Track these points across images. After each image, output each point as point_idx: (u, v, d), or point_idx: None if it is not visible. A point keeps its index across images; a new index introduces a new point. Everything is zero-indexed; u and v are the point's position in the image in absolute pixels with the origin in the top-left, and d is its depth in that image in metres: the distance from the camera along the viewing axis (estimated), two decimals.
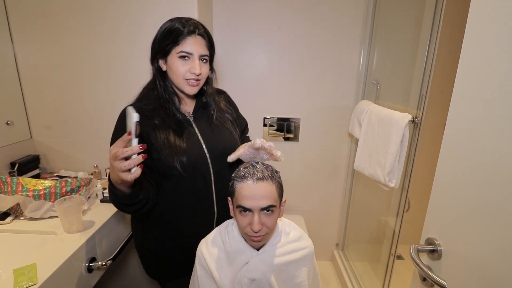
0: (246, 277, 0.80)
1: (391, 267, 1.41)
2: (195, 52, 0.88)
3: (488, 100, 0.58)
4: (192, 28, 0.88)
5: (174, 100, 0.96)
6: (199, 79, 0.91)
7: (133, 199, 0.84)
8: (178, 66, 0.89)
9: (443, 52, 1.23)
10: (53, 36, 1.44)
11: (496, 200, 0.56)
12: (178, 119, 0.95)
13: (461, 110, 0.66)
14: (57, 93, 1.52)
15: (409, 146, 1.29)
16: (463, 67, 0.65)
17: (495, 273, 0.56)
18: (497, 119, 0.56)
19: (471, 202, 0.61)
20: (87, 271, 1.01)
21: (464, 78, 0.65)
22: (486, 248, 0.58)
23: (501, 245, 0.55)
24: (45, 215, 1.12)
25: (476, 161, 0.60)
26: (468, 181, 0.63)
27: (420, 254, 0.73)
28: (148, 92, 0.97)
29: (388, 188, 1.39)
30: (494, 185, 0.56)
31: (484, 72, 0.60)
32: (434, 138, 1.69)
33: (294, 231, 0.89)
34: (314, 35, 1.73)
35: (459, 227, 0.65)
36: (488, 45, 0.59)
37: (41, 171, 1.57)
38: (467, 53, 0.64)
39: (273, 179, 0.77)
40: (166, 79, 0.95)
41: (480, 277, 0.59)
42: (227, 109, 1.09)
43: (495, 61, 0.57)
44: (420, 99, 1.22)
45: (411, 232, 1.56)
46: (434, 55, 1.14)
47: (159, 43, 0.91)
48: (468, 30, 0.64)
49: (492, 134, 0.57)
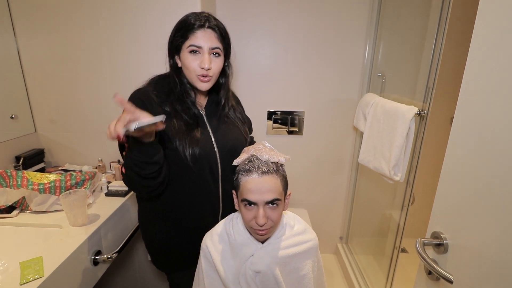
0: (251, 269, 0.80)
1: (396, 261, 1.41)
2: (204, 45, 0.86)
3: (497, 93, 0.57)
4: (202, 22, 0.86)
5: (190, 94, 0.96)
6: (210, 74, 0.90)
7: (149, 155, 0.80)
8: (189, 61, 0.88)
9: (451, 43, 1.20)
10: (57, 29, 1.43)
11: (503, 193, 0.55)
12: (193, 112, 0.95)
13: (469, 104, 0.64)
14: (61, 87, 1.52)
15: (415, 140, 1.27)
16: (472, 59, 0.64)
17: (502, 267, 0.55)
18: (506, 113, 0.55)
19: (478, 195, 0.60)
20: (93, 264, 1.02)
21: (474, 71, 0.63)
22: (493, 242, 0.57)
23: (509, 239, 0.54)
24: (51, 209, 1.13)
25: (484, 154, 0.59)
26: (475, 175, 0.62)
27: (426, 248, 0.73)
28: (162, 81, 0.97)
29: (393, 182, 1.38)
30: (502, 178, 0.55)
31: (494, 65, 0.58)
32: (441, 131, 1.68)
33: (299, 224, 0.89)
34: (319, 27, 1.70)
35: (465, 221, 0.64)
36: (500, 36, 0.57)
37: (46, 165, 1.58)
38: (477, 45, 0.63)
39: (277, 172, 0.77)
40: (182, 75, 0.94)
41: (487, 271, 0.58)
42: (238, 109, 1.10)
43: (506, 53, 0.55)
44: (427, 92, 1.20)
45: (415, 226, 1.55)
46: (442, 47, 1.12)
47: (172, 40, 0.91)
48: (478, 20, 0.62)
49: (500, 127, 0.56)
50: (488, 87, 0.59)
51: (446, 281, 0.64)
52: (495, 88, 0.57)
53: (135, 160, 0.80)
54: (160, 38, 1.05)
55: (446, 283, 0.67)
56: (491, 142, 0.58)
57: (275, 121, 1.86)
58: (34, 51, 1.47)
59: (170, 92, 0.94)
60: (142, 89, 0.94)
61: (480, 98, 0.61)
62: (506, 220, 0.54)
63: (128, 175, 0.85)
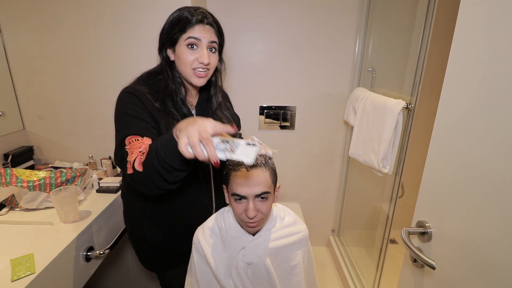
0: (243, 261, 0.82)
1: (385, 251, 1.45)
2: (203, 38, 0.86)
3: (478, 87, 0.59)
4: (200, 17, 0.85)
5: (181, 91, 0.95)
6: (208, 69, 0.89)
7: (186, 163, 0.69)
8: (186, 55, 0.86)
9: (437, 39, 1.23)
10: (44, 24, 1.41)
11: (485, 183, 0.57)
12: (184, 111, 0.94)
13: (451, 97, 0.66)
14: (50, 83, 1.50)
15: (403, 133, 1.30)
16: (454, 54, 0.66)
17: (483, 253, 0.58)
18: (485, 105, 0.57)
19: (461, 185, 0.63)
20: (85, 260, 1.02)
21: (455, 66, 0.65)
22: (474, 229, 0.60)
23: (490, 227, 0.56)
24: (41, 206, 1.12)
25: (466, 145, 0.62)
26: (457, 166, 0.64)
27: (411, 237, 0.75)
28: (151, 78, 0.94)
29: (382, 174, 1.41)
30: (483, 168, 0.57)
31: (474, 60, 0.60)
32: (427, 124, 1.70)
33: (289, 216, 0.91)
34: (310, 22, 1.71)
35: (448, 210, 0.67)
36: (479, 34, 0.59)
37: (35, 162, 1.56)
38: (458, 41, 0.65)
39: (266, 165, 0.78)
40: (174, 69, 0.92)
41: (468, 256, 0.61)
42: (226, 106, 1.09)
43: (484, 50, 0.57)
44: (414, 86, 1.23)
45: (405, 217, 1.58)
46: (428, 42, 1.14)
47: (167, 32, 0.88)
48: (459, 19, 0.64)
49: (481, 120, 0.58)
50: (469, 80, 0.61)
51: (430, 268, 0.67)
52: (476, 82, 0.60)
53: (166, 165, 0.68)
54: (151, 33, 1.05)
55: (430, 270, 0.70)
56: (473, 133, 0.60)
57: (267, 116, 1.88)
58: (20, 46, 1.44)
59: (162, 88, 0.91)
60: (133, 87, 0.90)
61: (461, 91, 0.63)
62: (486, 207, 0.57)
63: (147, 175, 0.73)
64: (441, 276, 0.68)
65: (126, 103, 0.87)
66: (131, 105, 0.86)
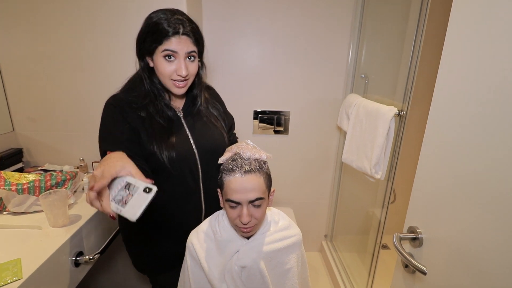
0: (237, 265, 0.82)
1: (377, 256, 1.46)
2: (179, 50, 0.84)
3: (468, 92, 0.60)
4: (176, 29, 0.82)
5: (163, 96, 0.94)
6: (187, 79, 0.89)
7: None
8: (164, 67, 0.85)
9: (429, 46, 1.25)
10: (36, 25, 1.39)
11: (475, 189, 0.58)
12: (168, 115, 0.93)
13: (442, 103, 0.68)
14: (41, 85, 1.48)
15: (395, 139, 1.32)
16: (445, 59, 0.67)
17: (474, 259, 0.59)
18: (477, 110, 0.58)
19: (452, 191, 0.64)
20: (74, 265, 1.00)
21: (446, 72, 0.67)
22: (466, 234, 0.61)
23: (480, 232, 0.57)
24: (30, 210, 1.10)
25: (457, 151, 0.63)
26: (449, 171, 0.65)
27: (403, 242, 0.76)
28: (134, 84, 0.94)
29: (374, 180, 1.43)
30: (474, 173, 0.59)
31: (465, 65, 0.62)
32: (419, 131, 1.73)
33: (283, 220, 0.91)
34: (305, 29, 1.73)
35: (439, 215, 0.68)
36: (470, 40, 0.61)
37: (25, 164, 1.54)
38: (449, 47, 0.66)
39: (261, 170, 0.78)
40: (153, 74, 0.92)
41: (460, 262, 0.62)
42: (215, 106, 1.08)
43: (476, 55, 0.59)
44: (406, 92, 1.25)
45: (398, 223, 1.59)
46: (420, 50, 1.17)
47: (143, 41, 0.87)
48: (450, 25, 0.66)
49: (472, 126, 0.59)
50: (460, 86, 0.63)
51: (421, 273, 0.68)
52: (467, 87, 0.61)
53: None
54: None
55: (421, 275, 0.71)
56: (464, 139, 0.61)
57: (261, 121, 1.88)
58: (11, 48, 1.42)
59: (143, 96, 0.91)
60: (116, 97, 0.91)
61: (452, 97, 0.65)
62: (477, 213, 0.58)
63: None
64: (432, 281, 0.69)
65: (106, 116, 0.89)
66: (110, 119, 0.88)
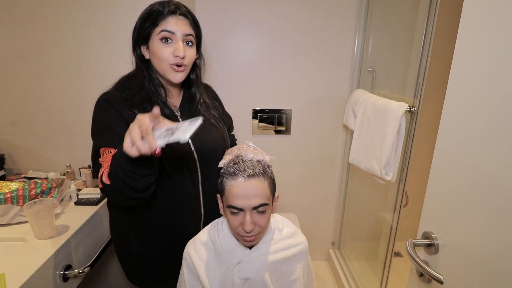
0: (239, 277, 0.82)
1: (389, 265, 1.45)
2: (177, 31, 0.86)
3: (485, 89, 0.60)
4: (172, 8, 0.87)
5: (160, 92, 0.95)
6: (184, 64, 0.90)
7: (147, 167, 0.72)
8: (160, 50, 0.87)
9: (441, 38, 1.25)
10: (16, 20, 1.39)
11: (493, 192, 0.58)
12: (165, 113, 0.94)
13: (457, 99, 0.68)
14: (23, 86, 1.48)
15: (406, 137, 1.32)
16: (459, 52, 0.67)
17: (492, 266, 0.59)
18: (494, 109, 0.58)
19: (468, 194, 0.64)
20: (62, 280, 1.00)
21: (460, 66, 0.67)
22: (483, 241, 0.61)
23: (498, 238, 0.57)
24: (13, 221, 1.10)
25: (473, 151, 0.63)
26: (465, 173, 0.65)
27: (417, 249, 0.76)
28: (129, 82, 0.95)
29: (385, 182, 1.43)
30: (492, 177, 0.59)
31: (480, 58, 0.62)
32: (432, 128, 1.73)
33: (288, 227, 0.91)
34: (306, 20, 1.73)
35: (456, 220, 0.68)
36: (484, 32, 0.61)
37: (7, 172, 1.53)
38: (462, 39, 0.66)
39: (265, 175, 0.78)
40: (150, 68, 0.93)
41: (478, 270, 0.62)
42: (213, 105, 1.09)
43: (491, 48, 0.59)
44: (417, 87, 1.25)
45: (410, 228, 1.59)
46: (431, 41, 1.17)
47: (139, 28, 0.90)
48: (463, 15, 0.66)
49: (489, 126, 0.59)
50: (476, 81, 0.63)
51: (437, 282, 0.68)
52: (483, 82, 0.61)
53: (129, 172, 0.70)
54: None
55: (438, 284, 0.71)
56: (480, 138, 0.61)
57: (261, 120, 1.88)
58: None
59: (139, 92, 0.92)
60: (109, 94, 0.92)
61: (467, 92, 0.65)
62: (496, 218, 0.58)
63: (115, 188, 0.76)
64: None
65: (100, 112, 0.90)
66: (105, 114, 0.88)
